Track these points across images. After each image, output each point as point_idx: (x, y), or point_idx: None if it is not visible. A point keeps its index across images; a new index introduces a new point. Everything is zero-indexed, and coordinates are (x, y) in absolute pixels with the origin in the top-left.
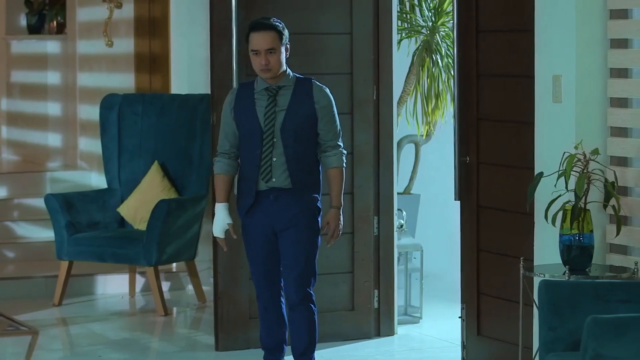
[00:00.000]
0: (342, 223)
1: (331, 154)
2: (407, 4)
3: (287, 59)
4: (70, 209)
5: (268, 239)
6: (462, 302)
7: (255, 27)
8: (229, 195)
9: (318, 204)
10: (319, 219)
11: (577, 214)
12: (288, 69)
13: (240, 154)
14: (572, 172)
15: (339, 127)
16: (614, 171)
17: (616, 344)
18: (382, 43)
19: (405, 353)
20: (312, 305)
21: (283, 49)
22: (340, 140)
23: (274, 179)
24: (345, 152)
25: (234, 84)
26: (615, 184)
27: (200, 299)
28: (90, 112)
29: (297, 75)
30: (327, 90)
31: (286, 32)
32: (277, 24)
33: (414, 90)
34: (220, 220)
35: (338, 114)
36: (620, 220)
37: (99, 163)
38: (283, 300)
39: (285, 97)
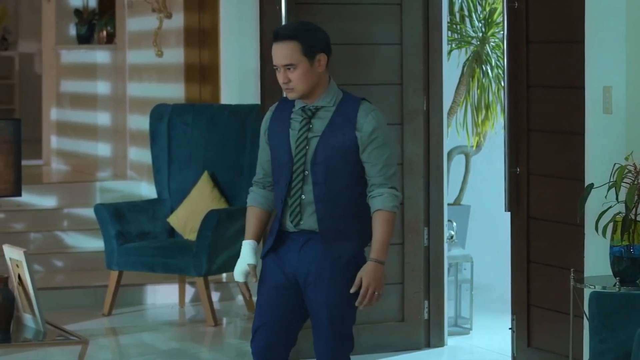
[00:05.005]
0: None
1: (376, 194)
2: (458, 15)
3: (322, 73)
4: (120, 219)
5: (285, 292)
6: (512, 314)
7: (274, 36)
8: (259, 232)
9: (357, 258)
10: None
11: (627, 225)
12: (331, 85)
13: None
14: (622, 184)
15: (389, 160)
16: None
17: None
18: (432, 54)
19: None
20: None
21: (310, 63)
22: (391, 177)
23: (302, 222)
24: (398, 194)
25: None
26: None
27: (250, 309)
28: (140, 122)
29: (346, 92)
30: (378, 114)
31: (317, 39)
32: (299, 31)
33: (464, 101)
34: (241, 261)
35: (388, 124)
36: None
37: (149, 173)
38: None
39: (322, 120)
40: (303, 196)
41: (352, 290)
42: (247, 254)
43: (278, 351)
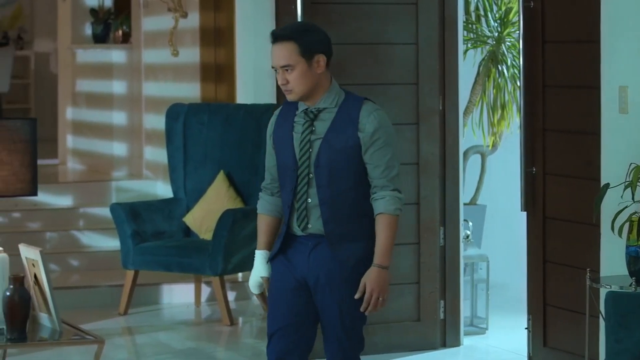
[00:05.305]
0: (387, 287)
1: (378, 197)
2: (473, 14)
3: (322, 74)
4: (135, 218)
5: (297, 293)
6: (528, 313)
7: (272, 37)
8: (271, 241)
9: (365, 260)
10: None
11: None
12: (333, 86)
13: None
14: (638, 184)
15: (391, 162)
16: None
17: None
18: (448, 53)
19: None
20: None
21: (308, 64)
22: (393, 179)
23: (309, 225)
24: (401, 196)
25: None
26: None
27: (266, 308)
28: (155, 121)
29: (348, 93)
30: (380, 114)
31: (315, 40)
32: (297, 32)
33: (480, 100)
34: (254, 273)
35: (404, 124)
36: None
37: (165, 172)
38: None
39: (325, 122)
40: (309, 200)
41: (356, 296)
42: (260, 266)
43: (296, 355)
